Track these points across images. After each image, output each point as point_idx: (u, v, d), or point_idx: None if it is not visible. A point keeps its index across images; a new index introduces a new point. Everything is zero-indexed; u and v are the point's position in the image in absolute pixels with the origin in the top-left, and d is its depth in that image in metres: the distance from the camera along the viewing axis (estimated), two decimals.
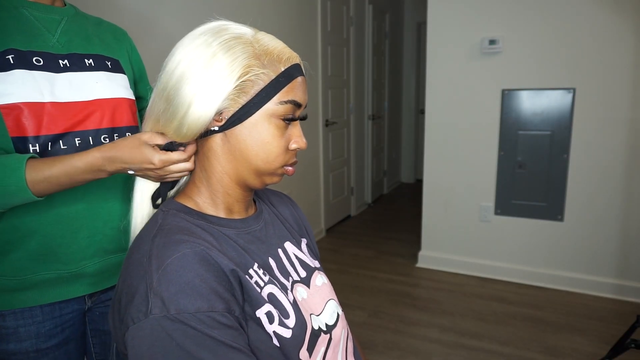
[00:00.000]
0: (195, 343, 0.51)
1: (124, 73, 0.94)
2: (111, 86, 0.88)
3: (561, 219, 2.54)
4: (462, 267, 2.84)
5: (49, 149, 0.80)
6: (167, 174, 0.69)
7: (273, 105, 0.62)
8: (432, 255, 2.94)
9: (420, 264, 2.97)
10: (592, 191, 2.45)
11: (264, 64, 0.61)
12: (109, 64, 0.91)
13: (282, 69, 0.62)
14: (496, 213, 2.70)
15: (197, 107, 0.60)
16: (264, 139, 0.63)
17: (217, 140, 0.64)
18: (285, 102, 0.62)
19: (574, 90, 2.40)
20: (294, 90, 0.64)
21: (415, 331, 2.20)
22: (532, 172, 2.57)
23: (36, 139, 0.78)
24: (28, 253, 0.81)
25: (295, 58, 0.65)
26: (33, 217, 0.81)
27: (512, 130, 2.57)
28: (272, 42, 0.64)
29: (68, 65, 0.83)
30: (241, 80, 0.60)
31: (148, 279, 0.54)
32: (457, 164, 2.76)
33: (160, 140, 0.67)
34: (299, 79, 0.65)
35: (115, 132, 0.89)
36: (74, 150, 0.82)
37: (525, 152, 2.56)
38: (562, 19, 2.37)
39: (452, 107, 2.72)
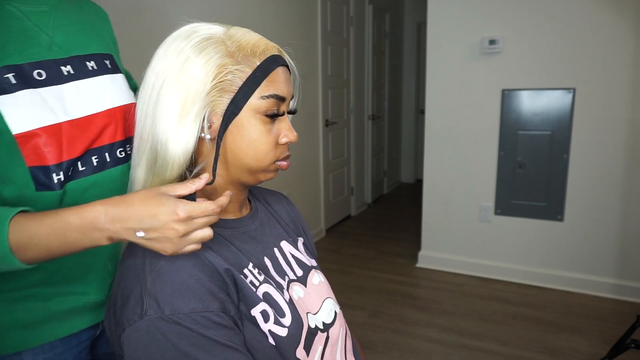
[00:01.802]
0: (190, 343, 0.52)
1: (121, 72, 0.86)
2: (117, 91, 0.81)
3: (561, 219, 2.54)
4: (462, 267, 2.84)
5: (70, 173, 0.71)
6: (190, 237, 0.55)
7: (255, 101, 0.60)
8: (432, 255, 2.94)
9: (420, 264, 2.97)
10: (592, 191, 2.45)
11: (237, 61, 0.60)
12: (107, 63, 0.82)
13: (258, 63, 0.61)
14: (496, 213, 2.70)
15: (180, 119, 0.58)
16: (251, 137, 0.61)
17: (207, 144, 0.62)
18: (267, 97, 0.61)
19: (574, 90, 2.40)
20: (274, 83, 0.62)
21: (415, 331, 2.20)
22: (532, 172, 2.57)
23: (59, 166, 0.69)
24: (54, 281, 0.74)
25: (271, 49, 0.63)
26: None
27: (512, 130, 2.57)
28: (245, 36, 0.62)
29: (72, 72, 0.74)
30: (217, 80, 0.58)
31: (142, 281, 0.54)
32: (457, 164, 2.76)
33: (182, 190, 0.56)
34: (279, 70, 0.62)
35: (127, 143, 0.80)
36: (92, 170, 0.73)
37: (525, 152, 2.56)
38: (562, 19, 2.37)
39: (452, 107, 2.72)
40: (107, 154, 0.76)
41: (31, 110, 0.67)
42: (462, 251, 2.84)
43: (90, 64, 0.78)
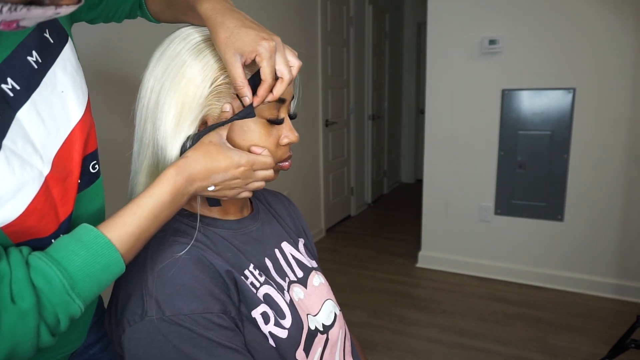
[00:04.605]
0: (191, 344, 0.52)
1: (67, 31, 0.60)
2: (74, 84, 0.58)
3: (561, 219, 2.54)
4: (462, 267, 2.84)
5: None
6: (248, 185, 0.59)
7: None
8: (432, 255, 2.94)
9: (420, 264, 2.97)
10: (592, 191, 2.45)
11: None
12: (47, 35, 0.55)
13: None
14: (496, 213, 2.70)
15: (178, 124, 0.57)
16: (252, 141, 0.61)
17: None
18: (267, 100, 0.60)
19: (574, 90, 2.40)
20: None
21: (415, 331, 2.20)
22: (532, 172, 2.57)
23: (57, 232, 0.56)
24: None
25: None
26: None
27: (512, 130, 2.57)
28: None
29: (17, 87, 0.49)
30: (215, 84, 0.58)
31: (143, 282, 0.54)
32: (457, 164, 2.76)
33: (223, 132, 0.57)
34: None
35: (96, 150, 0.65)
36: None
37: (525, 152, 2.56)
38: (562, 19, 2.37)
39: (452, 107, 2.72)
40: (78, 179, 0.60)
41: (10, 184, 0.46)
42: (462, 251, 2.84)
43: (32, 58, 0.51)
